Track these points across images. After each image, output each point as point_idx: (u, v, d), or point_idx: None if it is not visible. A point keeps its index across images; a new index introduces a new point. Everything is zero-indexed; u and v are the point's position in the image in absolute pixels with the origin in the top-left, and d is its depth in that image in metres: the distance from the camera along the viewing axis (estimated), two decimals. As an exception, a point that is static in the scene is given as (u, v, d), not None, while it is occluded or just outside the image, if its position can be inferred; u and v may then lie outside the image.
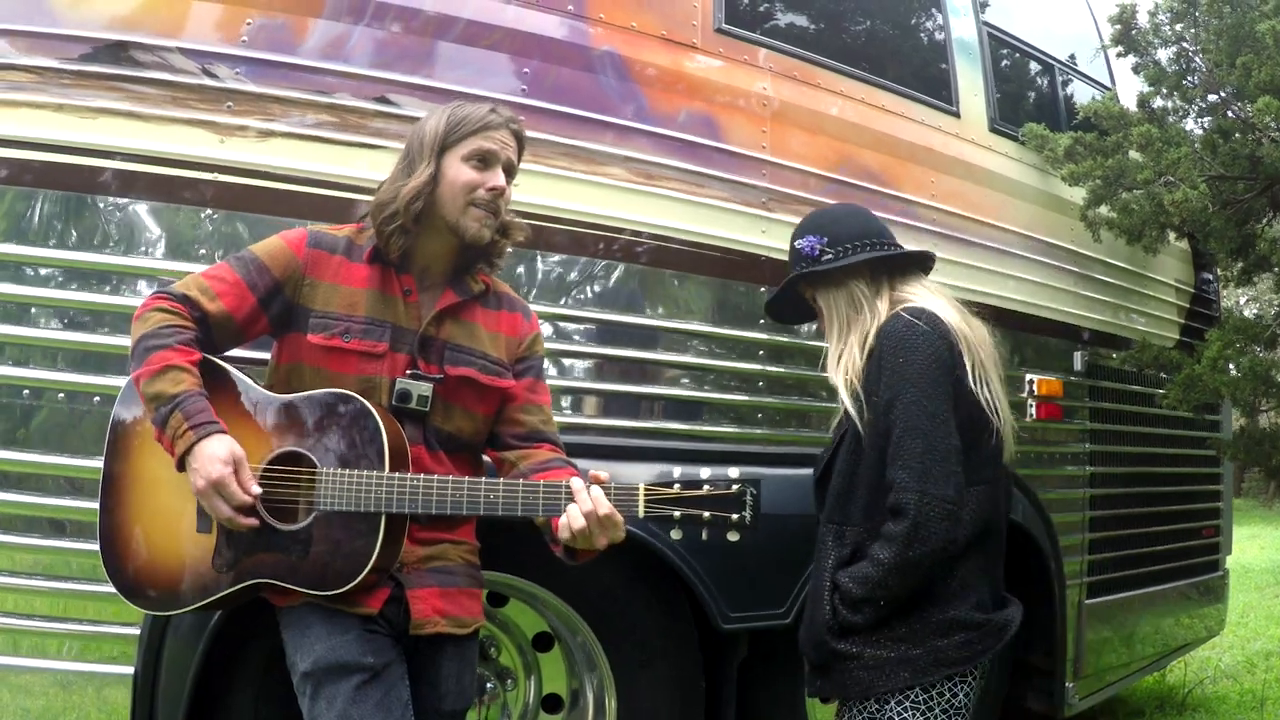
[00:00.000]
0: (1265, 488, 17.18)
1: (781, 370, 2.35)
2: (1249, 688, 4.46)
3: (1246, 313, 5.85)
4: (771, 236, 2.33)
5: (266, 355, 1.65)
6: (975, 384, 1.52)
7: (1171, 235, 3.26)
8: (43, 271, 1.82)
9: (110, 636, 1.77)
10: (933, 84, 2.82)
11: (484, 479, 1.48)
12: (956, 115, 2.84)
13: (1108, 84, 3.53)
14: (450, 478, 1.47)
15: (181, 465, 1.43)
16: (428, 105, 1.93)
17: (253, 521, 1.44)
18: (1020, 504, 2.83)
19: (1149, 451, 3.46)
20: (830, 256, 1.63)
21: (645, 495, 1.46)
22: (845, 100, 2.55)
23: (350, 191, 1.91)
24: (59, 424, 1.82)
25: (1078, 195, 3.17)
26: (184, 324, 1.51)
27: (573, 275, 2.12)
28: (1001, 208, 2.93)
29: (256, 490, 1.44)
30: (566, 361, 2.10)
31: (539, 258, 2.08)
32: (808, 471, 1.76)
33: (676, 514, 1.45)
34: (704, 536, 1.44)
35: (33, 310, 1.81)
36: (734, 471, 1.49)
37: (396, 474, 1.47)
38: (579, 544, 1.44)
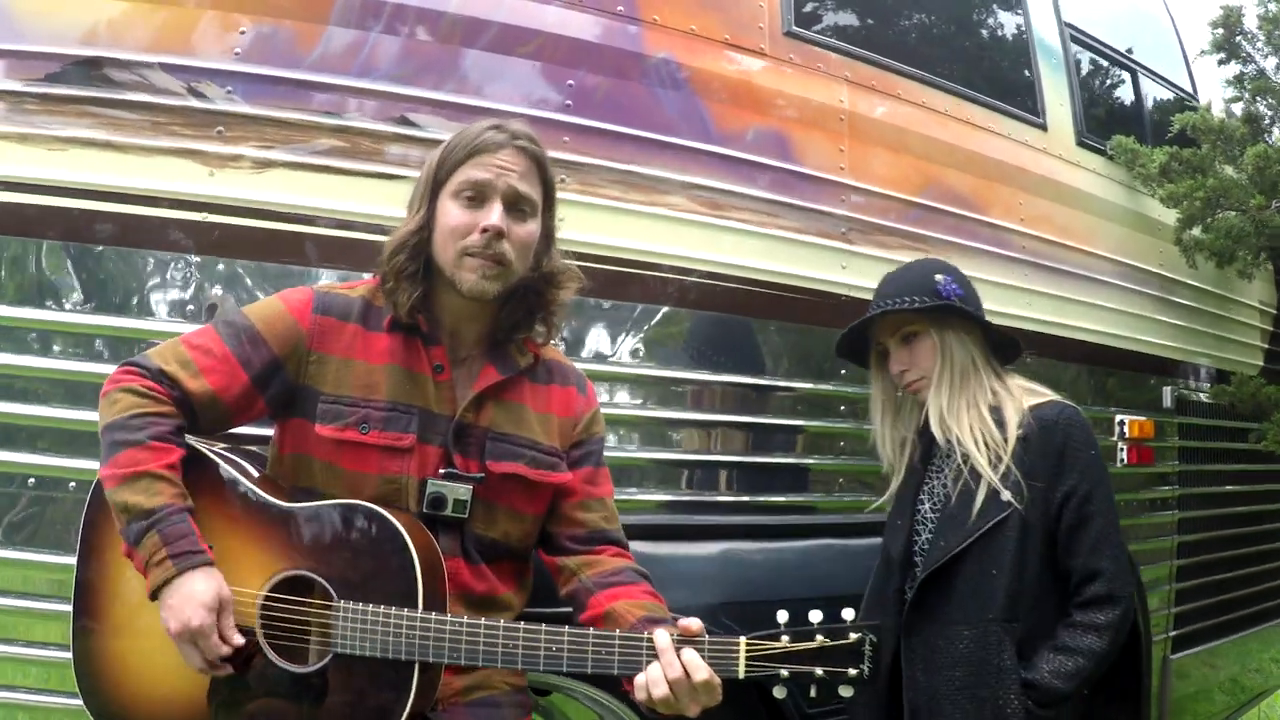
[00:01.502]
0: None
1: (862, 427, 1.95)
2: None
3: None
4: (853, 273, 1.93)
5: (270, 431, 1.28)
6: None
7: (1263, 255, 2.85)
8: (-5, 334, 1.45)
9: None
10: (1017, 92, 2.41)
11: (544, 627, 1.09)
12: (1044, 128, 2.43)
13: (1188, 90, 3.11)
14: (501, 624, 1.10)
15: (154, 598, 1.09)
16: (455, 126, 1.55)
17: (227, 669, 1.10)
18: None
19: (1239, 491, 3.04)
20: (966, 308, 1.49)
21: (747, 651, 1.10)
22: (929, 113, 2.15)
23: (366, 232, 1.53)
24: (23, 515, 1.44)
25: (1165, 215, 2.76)
26: (160, 410, 1.14)
27: (626, 325, 1.73)
28: (1091, 231, 2.52)
29: (238, 640, 1.10)
30: (621, 429, 1.70)
31: (586, 306, 1.69)
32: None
33: (784, 672, 1.10)
34: (812, 694, 1.11)
35: (-17, 381, 1.44)
36: (850, 614, 1.14)
37: (433, 615, 1.09)
38: (661, 710, 1.07)
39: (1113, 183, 2.64)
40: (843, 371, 1.92)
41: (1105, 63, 2.77)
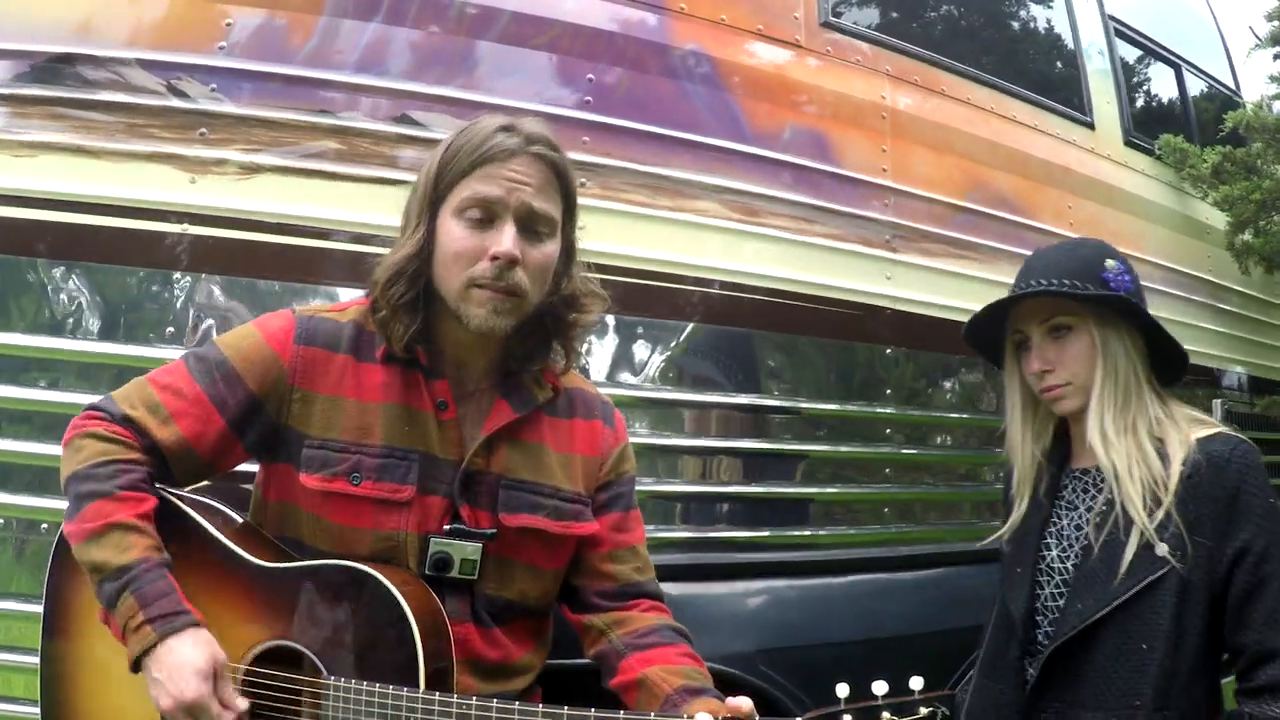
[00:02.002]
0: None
1: (913, 452, 1.78)
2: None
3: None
4: (897, 284, 1.75)
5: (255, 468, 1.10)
6: None
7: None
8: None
9: None
10: (1064, 89, 2.23)
11: (566, 710, 0.91)
12: (1091, 127, 2.25)
13: (1232, 87, 2.93)
14: (516, 707, 0.91)
15: (136, 669, 0.92)
16: (462, 124, 1.38)
17: None
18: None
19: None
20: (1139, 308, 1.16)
21: None
22: (973, 110, 1.97)
23: (364, 243, 1.35)
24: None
25: (1213, 218, 2.57)
26: (130, 458, 0.98)
27: (652, 344, 1.55)
28: (1140, 235, 2.34)
29: (242, 705, 0.93)
30: (643, 460, 1.53)
31: (607, 323, 1.52)
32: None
33: None
34: (878, 776, 0.91)
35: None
36: (918, 683, 0.94)
37: (437, 696, 0.91)
38: None
39: (1160, 184, 2.46)
40: (887, 392, 1.75)
41: (1149, 58, 2.59)
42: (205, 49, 1.36)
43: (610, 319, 1.50)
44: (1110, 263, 1.18)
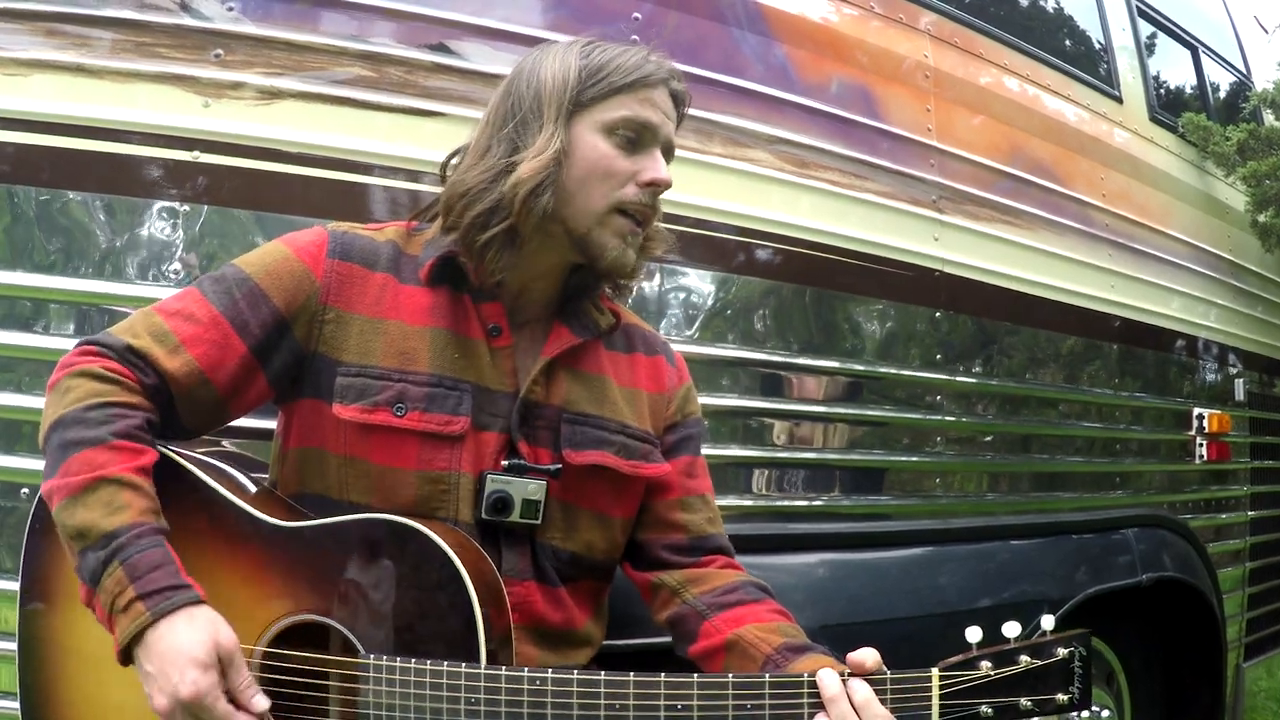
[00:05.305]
0: None
1: (963, 419, 1.61)
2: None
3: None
4: (945, 246, 1.58)
5: (271, 424, 0.92)
6: None
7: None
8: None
9: None
10: (1092, 61, 2.09)
11: (663, 675, 0.72)
12: (1119, 100, 2.10)
13: (1244, 71, 2.80)
14: (602, 675, 0.73)
15: (126, 659, 0.72)
16: (503, 56, 1.20)
17: None
18: (1195, 562, 2.08)
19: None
20: None
21: (941, 686, 0.74)
22: (1010, 75, 1.81)
23: (394, 177, 1.17)
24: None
25: (1233, 197, 2.43)
26: (128, 401, 0.78)
27: (704, 298, 1.37)
28: (1165, 211, 2.19)
29: (261, 705, 0.72)
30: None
31: (658, 274, 1.33)
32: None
33: (986, 709, 0.76)
34: (1013, 730, 0.77)
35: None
36: (1049, 621, 0.79)
37: (503, 670, 0.73)
38: None
39: (1183, 161, 2.32)
40: (937, 357, 1.57)
41: (1170, 38, 2.45)
42: (221, -32, 1.17)
43: (656, 272, 1.32)
44: None
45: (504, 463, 0.83)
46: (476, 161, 0.85)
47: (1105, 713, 1.86)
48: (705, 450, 1.01)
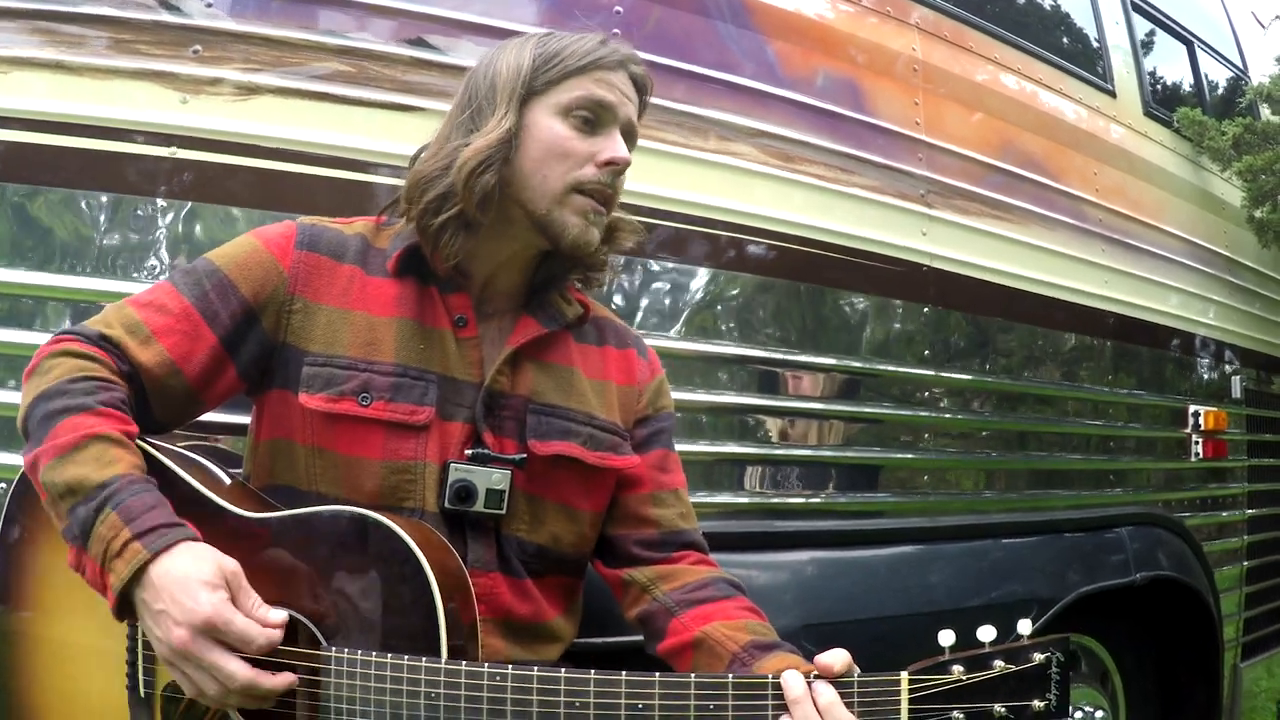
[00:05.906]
0: None
1: (955, 416, 1.58)
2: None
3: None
4: (934, 240, 1.56)
5: (245, 419, 0.90)
6: None
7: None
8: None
9: None
10: (1086, 56, 2.06)
11: (624, 674, 0.71)
12: (1113, 95, 2.08)
13: (1240, 66, 2.77)
14: (563, 673, 0.71)
15: (124, 611, 0.70)
16: (483, 51, 1.18)
17: (288, 680, 0.71)
18: (1190, 561, 2.05)
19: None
20: None
21: (910, 691, 0.72)
22: (1001, 70, 1.79)
23: (370, 172, 1.16)
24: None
25: (1229, 193, 2.40)
26: (109, 377, 0.78)
27: (687, 293, 1.35)
28: (1160, 207, 2.16)
29: (279, 616, 0.71)
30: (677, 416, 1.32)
31: (638, 268, 1.32)
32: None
33: (958, 715, 0.74)
34: (986, 737, 0.75)
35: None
36: (1026, 626, 0.77)
37: (463, 665, 0.71)
38: None
39: (1178, 157, 2.29)
40: (925, 353, 1.55)
41: (1163, 32, 2.42)
42: (201, -36, 1.16)
43: (637, 265, 1.31)
44: None
45: (468, 453, 0.82)
46: (435, 151, 0.84)
47: (1099, 713, 1.84)
48: (689, 446, 0.99)
